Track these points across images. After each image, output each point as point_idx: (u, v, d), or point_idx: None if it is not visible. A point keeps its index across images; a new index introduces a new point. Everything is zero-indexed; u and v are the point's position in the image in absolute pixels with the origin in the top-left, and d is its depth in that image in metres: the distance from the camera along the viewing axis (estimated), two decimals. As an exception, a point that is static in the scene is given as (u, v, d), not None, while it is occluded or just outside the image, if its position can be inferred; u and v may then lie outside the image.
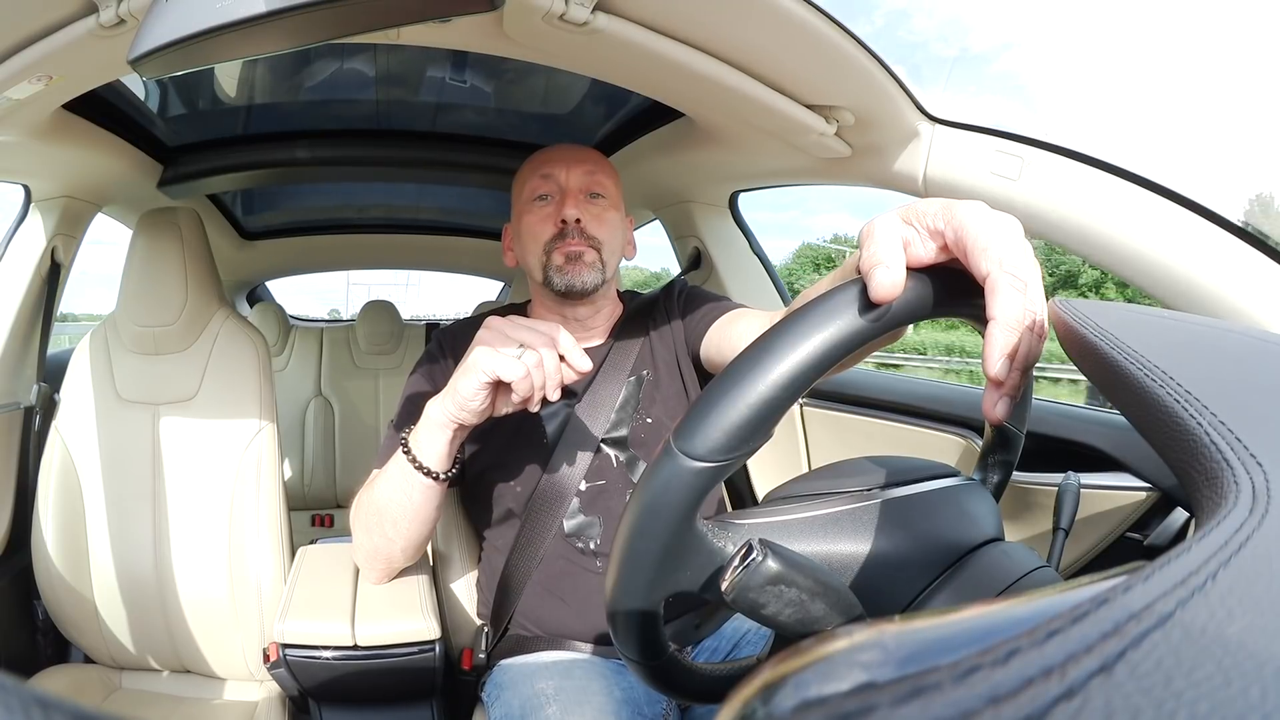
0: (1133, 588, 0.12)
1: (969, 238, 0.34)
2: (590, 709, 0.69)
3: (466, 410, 0.67)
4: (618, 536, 0.38)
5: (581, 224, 0.85)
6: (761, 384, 0.33)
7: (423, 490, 0.73)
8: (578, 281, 0.85)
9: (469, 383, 0.66)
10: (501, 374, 0.64)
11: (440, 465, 0.72)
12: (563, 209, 0.85)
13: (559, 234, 0.86)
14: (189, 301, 1.07)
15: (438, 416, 0.70)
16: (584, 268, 0.85)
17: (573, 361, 0.66)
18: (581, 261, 0.85)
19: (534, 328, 0.66)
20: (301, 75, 1.13)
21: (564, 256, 0.85)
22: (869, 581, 0.39)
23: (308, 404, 2.23)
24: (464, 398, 0.66)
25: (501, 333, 0.66)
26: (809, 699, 0.11)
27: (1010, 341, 0.32)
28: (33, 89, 0.71)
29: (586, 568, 0.83)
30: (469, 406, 0.67)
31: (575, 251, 0.85)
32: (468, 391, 0.66)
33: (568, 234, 0.85)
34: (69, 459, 1.04)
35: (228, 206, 1.81)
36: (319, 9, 0.45)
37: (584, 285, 0.85)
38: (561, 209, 0.85)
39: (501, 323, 0.67)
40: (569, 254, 0.85)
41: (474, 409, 0.67)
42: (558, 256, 0.85)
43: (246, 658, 1.02)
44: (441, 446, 0.71)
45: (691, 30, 0.69)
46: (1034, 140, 0.77)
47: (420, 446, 0.71)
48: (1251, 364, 0.27)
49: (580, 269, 0.85)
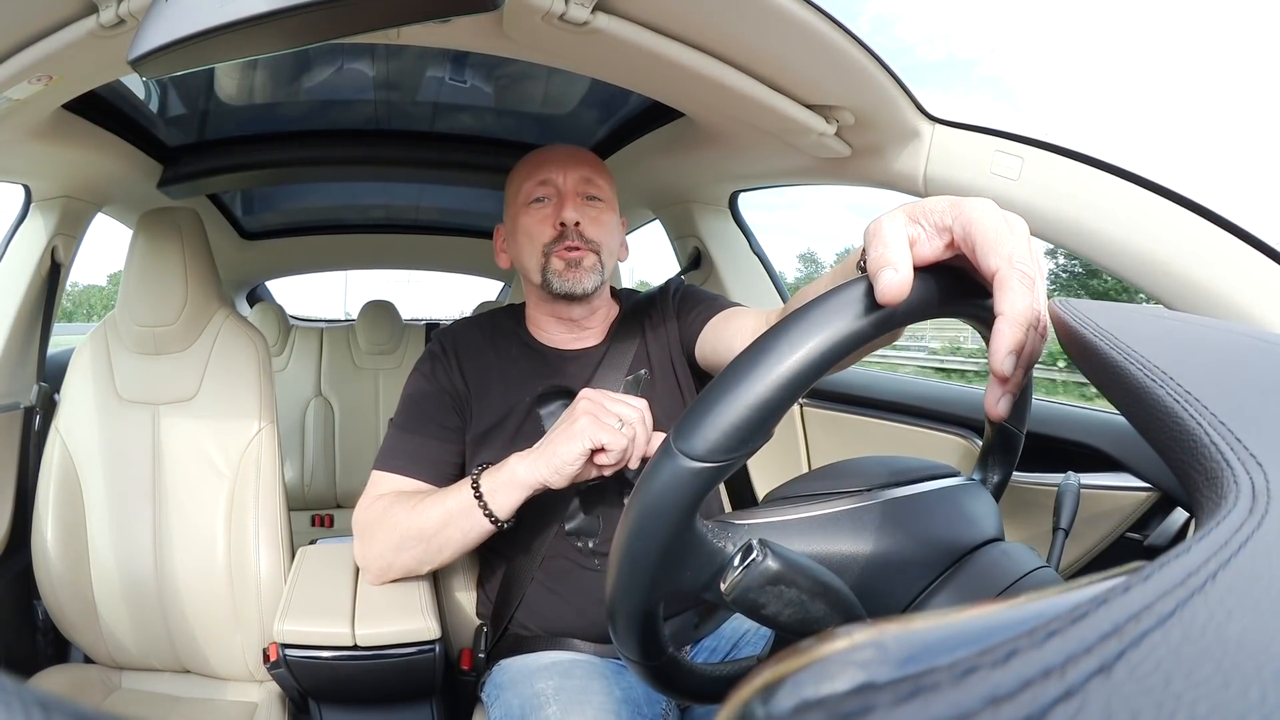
0: (1132, 588, 0.12)
1: (978, 233, 0.34)
2: (590, 709, 0.69)
3: (561, 474, 0.71)
4: (617, 537, 0.38)
5: (580, 227, 0.86)
6: (761, 384, 0.33)
7: (482, 533, 0.76)
8: (578, 287, 0.85)
9: (572, 448, 0.69)
10: (607, 444, 0.69)
11: (508, 515, 0.75)
12: (562, 211, 0.85)
13: (558, 236, 0.86)
14: (189, 301, 1.07)
15: (526, 477, 0.72)
16: (584, 273, 0.85)
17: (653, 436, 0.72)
18: (581, 267, 0.85)
19: (627, 402, 0.72)
20: (301, 75, 1.13)
21: (564, 262, 0.85)
22: (869, 582, 0.39)
23: (308, 404, 2.23)
24: (563, 461, 0.70)
25: (601, 405, 0.71)
26: (808, 699, 0.11)
27: (1018, 337, 0.32)
28: (33, 89, 0.71)
29: (587, 567, 0.84)
30: (565, 471, 0.70)
31: (575, 258, 0.85)
32: (569, 456, 0.70)
33: (567, 236, 0.85)
34: (69, 459, 1.04)
35: (228, 206, 1.81)
36: (319, 9, 0.44)
37: (584, 290, 0.86)
38: (561, 211, 0.85)
39: (598, 395, 0.72)
40: (569, 260, 0.85)
41: (569, 474, 0.71)
42: (557, 261, 0.85)
43: (246, 658, 1.02)
44: (518, 501, 0.74)
45: (691, 30, 0.69)
46: (1034, 140, 0.77)
47: (496, 499, 0.74)
48: (1251, 364, 0.27)
49: (580, 274, 0.85)
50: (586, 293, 0.86)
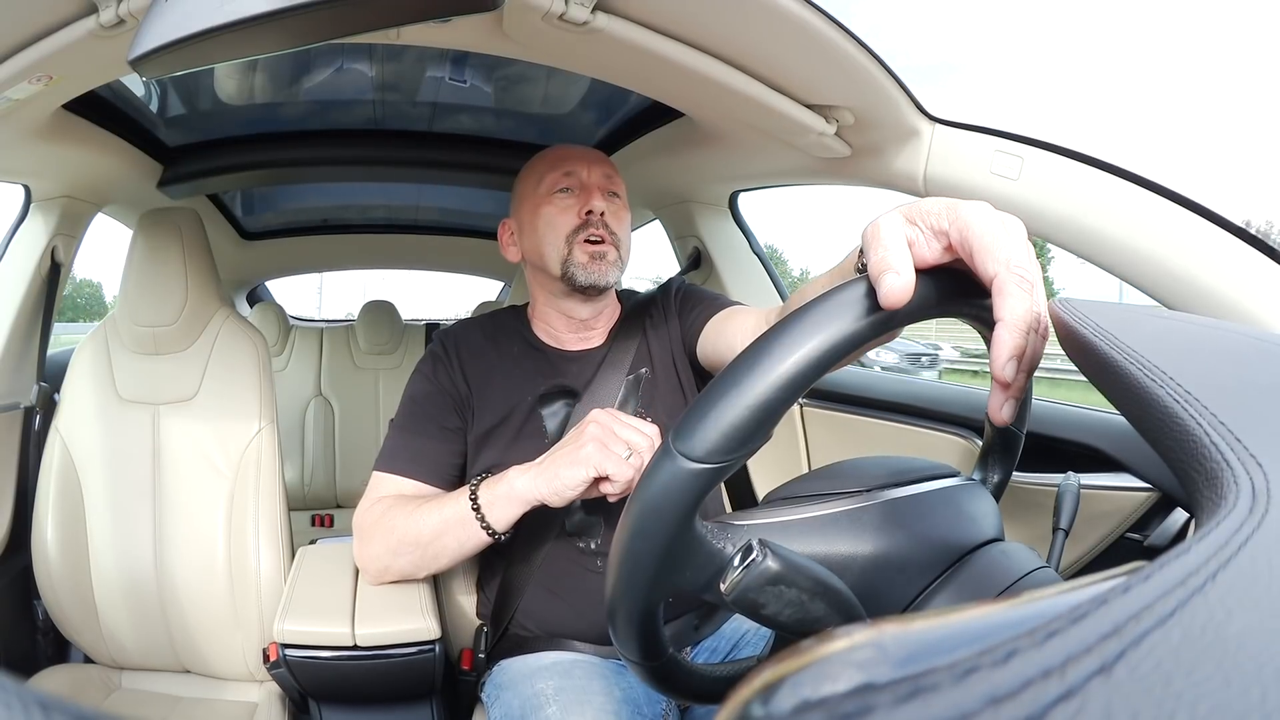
0: (1132, 588, 0.12)
1: (974, 238, 0.33)
2: (590, 709, 0.69)
3: (561, 496, 0.70)
4: (616, 538, 0.38)
5: (605, 217, 0.86)
6: (760, 385, 0.33)
7: (479, 544, 0.76)
8: (602, 279, 0.85)
9: (575, 474, 0.68)
10: (612, 474, 0.67)
11: (505, 529, 0.75)
12: (589, 200, 0.86)
13: (582, 225, 0.86)
14: (189, 301, 1.07)
15: (524, 493, 0.72)
16: (608, 266, 0.86)
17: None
18: (606, 260, 0.86)
19: (639, 429, 0.69)
20: (301, 76, 1.13)
21: (588, 254, 0.85)
22: (869, 582, 0.39)
23: (308, 404, 2.23)
24: (564, 484, 0.69)
25: (610, 431, 0.69)
26: (807, 699, 0.11)
27: (1019, 343, 0.32)
28: (32, 89, 0.71)
29: (588, 567, 0.84)
30: (565, 494, 0.70)
31: (599, 250, 0.85)
32: (571, 481, 0.68)
33: (591, 224, 0.85)
34: (69, 459, 1.04)
35: (228, 206, 1.81)
36: (319, 9, 0.45)
37: (607, 282, 0.86)
38: (588, 200, 0.86)
39: (609, 419, 0.70)
40: (593, 252, 0.85)
41: (569, 496, 0.70)
42: (580, 253, 0.85)
43: (246, 658, 1.02)
44: (515, 515, 0.74)
45: (691, 30, 0.69)
46: (1034, 140, 0.77)
47: (494, 512, 0.74)
48: (1251, 364, 0.27)
49: (605, 267, 0.86)
50: (609, 285, 0.87)
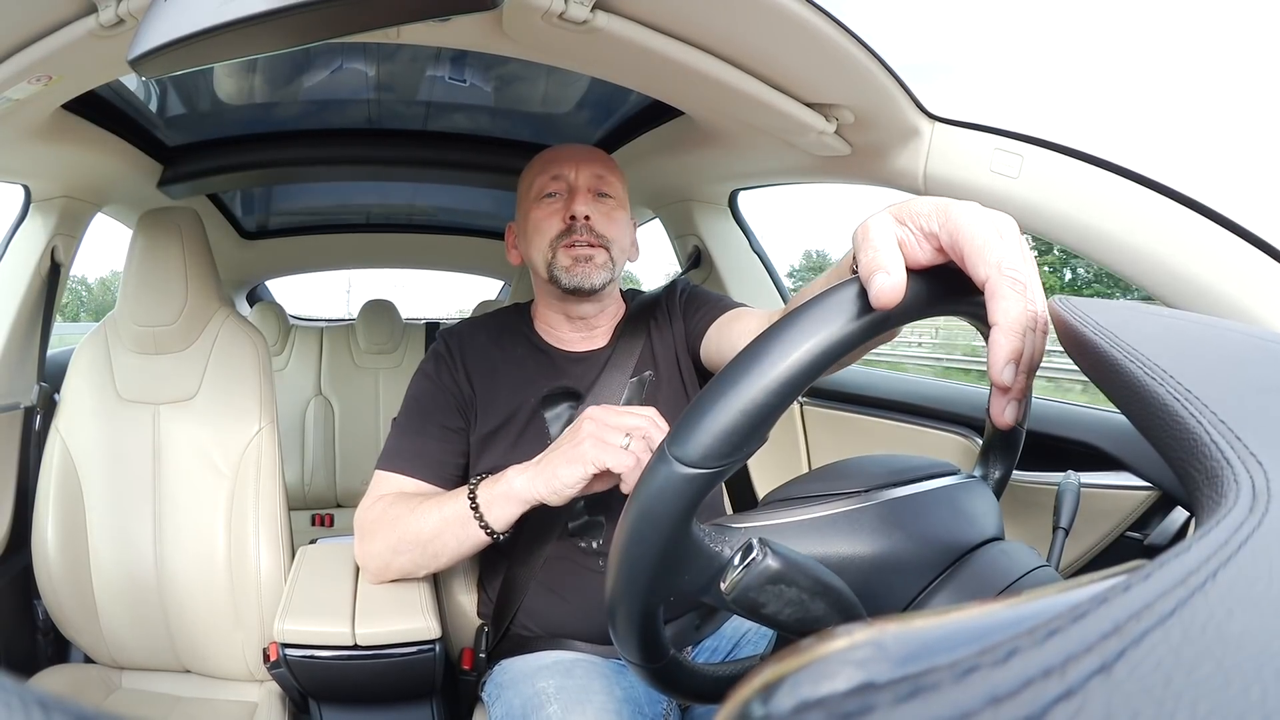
0: (1133, 587, 0.12)
1: (965, 240, 0.33)
2: (591, 708, 0.69)
3: (559, 495, 0.69)
4: (615, 542, 0.38)
5: (590, 221, 0.86)
6: (754, 389, 0.33)
7: (478, 543, 0.76)
8: (586, 281, 0.85)
9: (573, 472, 0.67)
10: (611, 466, 0.66)
11: (504, 528, 0.74)
12: (572, 205, 0.85)
13: (566, 230, 0.86)
14: (189, 301, 1.07)
15: (522, 493, 0.71)
16: (594, 269, 0.85)
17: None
18: (592, 263, 0.85)
19: (634, 413, 0.68)
20: (301, 75, 1.13)
21: (571, 258, 0.85)
22: (869, 581, 0.39)
23: (308, 404, 2.23)
24: (562, 483, 0.68)
25: (604, 423, 0.68)
26: (807, 699, 0.11)
27: (1015, 347, 0.32)
28: (32, 89, 0.71)
29: (589, 567, 0.83)
30: (564, 493, 0.69)
31: (585, 254, 0.85)
32: (569, 479, 0.67)
33: (575, 230, 0.85)
34: (69, 459, 1.04)
35: (228, 206, 1.81)
36: (318, 8, 0.44)
37: (592, 285, 0.85)
38: (571, 205, 0.85)
39: (602, 413, 0.69)
40: (577, 255, 0.85)
41: (568, 495, 0.69)
42: (564, 257, 0.85)
43: (246, 658, 1.02)
44: (514, 515, 0.73)
45: (691, 29, 0.69)
46: (1034, 138, 0.77)
47: (492, 511, 0.73)
48: (1251, 363, 0.27)
49: (590, 269, 0.85)
50: (595, 288, 0.86)
